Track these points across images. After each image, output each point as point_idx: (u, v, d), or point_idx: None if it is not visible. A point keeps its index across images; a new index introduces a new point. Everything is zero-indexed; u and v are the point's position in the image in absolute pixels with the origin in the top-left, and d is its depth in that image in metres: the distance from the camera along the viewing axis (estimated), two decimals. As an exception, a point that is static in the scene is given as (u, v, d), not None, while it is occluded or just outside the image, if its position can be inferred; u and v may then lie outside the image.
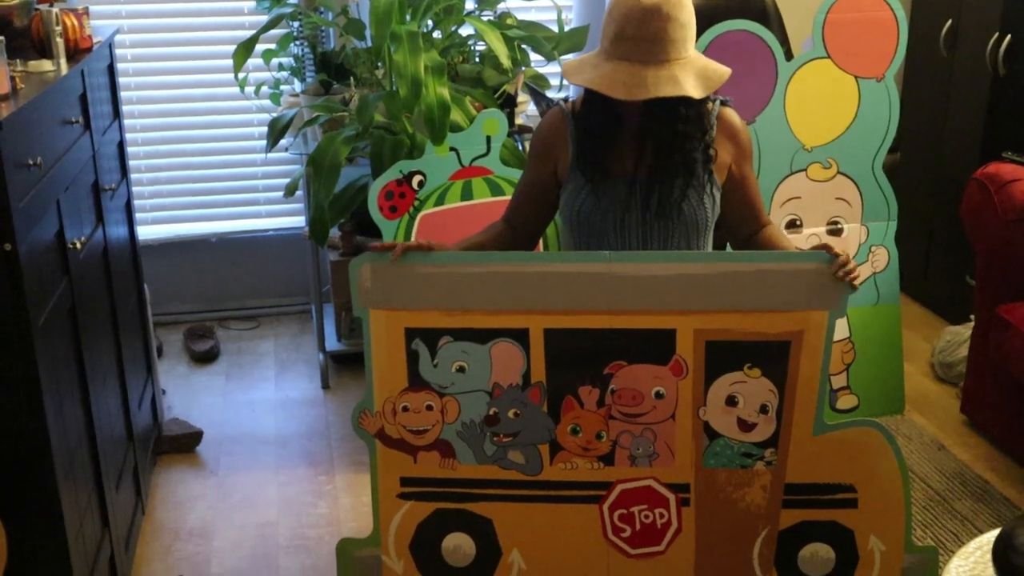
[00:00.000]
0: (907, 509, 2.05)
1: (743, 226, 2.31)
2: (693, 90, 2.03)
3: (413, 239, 2.83)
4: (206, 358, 3.97)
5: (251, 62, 3.32)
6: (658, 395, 2.00)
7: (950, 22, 3.98)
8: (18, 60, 2.34)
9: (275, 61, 3.73)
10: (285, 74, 3.81)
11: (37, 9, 2.52)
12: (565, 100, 2.33)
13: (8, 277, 1.88)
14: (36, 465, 2.01)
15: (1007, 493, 3.04)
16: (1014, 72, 3.65)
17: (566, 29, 3.48)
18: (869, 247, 3.19)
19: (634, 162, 2.16)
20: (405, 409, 2.05)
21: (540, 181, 2.29)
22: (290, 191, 3.61)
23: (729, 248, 2.45)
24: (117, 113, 3.07)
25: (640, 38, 2.01)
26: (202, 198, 4.22)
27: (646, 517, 2.07)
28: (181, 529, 2.95)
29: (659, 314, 1.97)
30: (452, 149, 2.86)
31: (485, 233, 2.33)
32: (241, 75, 3.33)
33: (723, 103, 2.25)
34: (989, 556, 1.88)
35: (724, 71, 2.10)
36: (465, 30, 3.50)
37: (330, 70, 3.65)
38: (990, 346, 3.15)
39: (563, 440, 2.04)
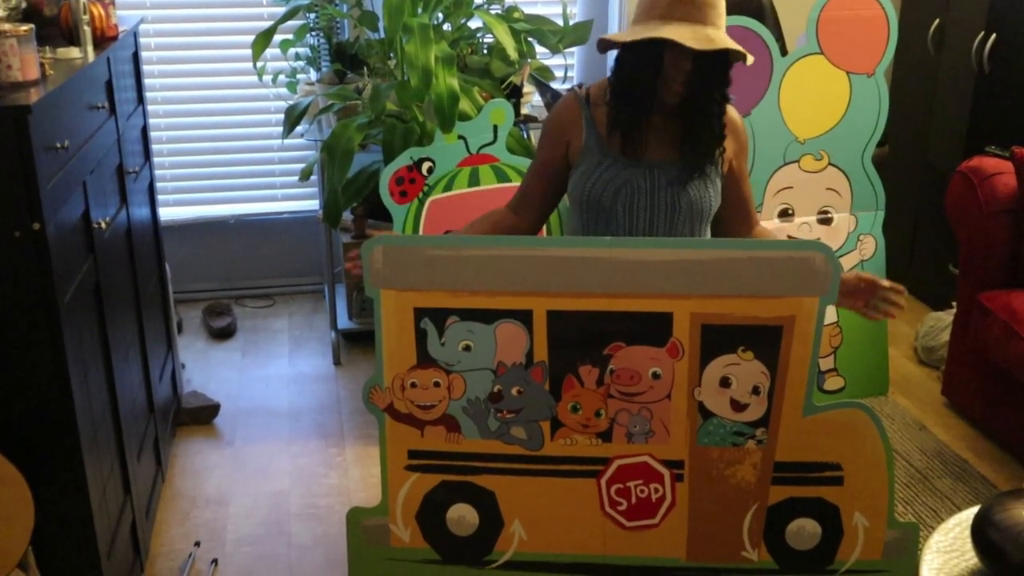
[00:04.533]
0: (890, 487, 2.04)
1: (737, 227, 2.31)
2: (747, 53, 2.10)
3: (422, 223, 2.83)
4: (224, 334, 3.97)
5: (269, 52, 3.31)
6: (655, 375, 2.00)
7: (938, 21, 3.95)
8: (47, 47, 2.33)
9: (292, 51, 3.72)
10: (301, 63, 3.79)
11: (65, -1, 2.51)
12: (579, 86, 2.31)
13: (36, 255, 1.88)
14: (62, 435, 2.01)
15: (984, 471, 3.04)
16: (998, 70, 3.63)
17: (571, 23, 3.47)
18: (857, 236, 3.18)
19: (654, 147, 2.17)
20: (413, 385, 2.04)
21: (552, 162, 2.29)
22: (305, 176, 3.60)
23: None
24: (141, 99, 3.06)
25: (700, 2, 2.04)
26: (221, 181, 4.21)
27: (642, 491, 2.06)
28: (199, 497, 2.95)
29: (657, 298, 1.96)
30: (460, 137, 2.85)
31: (486, 219, 2.33)
32: (259, 64, 3.32)
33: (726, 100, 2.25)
34: (968, 532, 1.89)
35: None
36: (474, 23, 3.48)
37: (344, 60, 3.63)
38: (971, 332, 3.15)
39: (563, 417, 2.04)
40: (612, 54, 2.21)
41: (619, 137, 2.18)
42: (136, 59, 3.01)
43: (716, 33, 2.05)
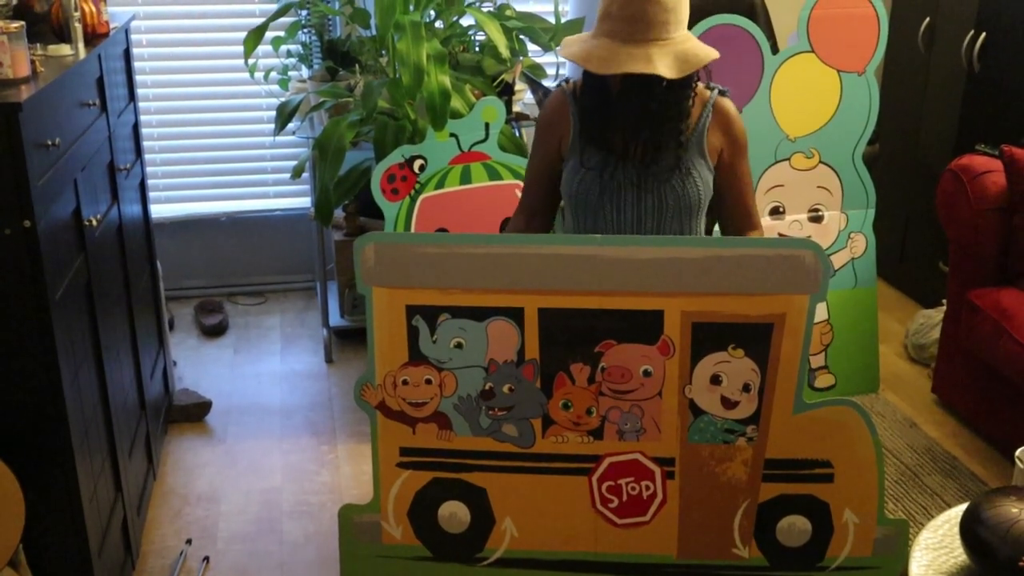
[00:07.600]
0: (880, 484, 2.05)
1: (734, 223, 2.31)
2: (665, 70, 2.03)
3: (414, 221, 2.83)
4: (215, 332, 3.96)
5: (261, 49, 3.30)
6: (646, 373, 2.00)
7: (928, 20, 3.96)
8: (38, 44, 2.32)
9: (284, 48, 3.70)
10: (293, 61, 3.78)
11: (56, -5, 2.50)
12: (567, 80, 2.32)
13: (27, 252, 1.87)
14: (52, 432, 2.01)
15: (974, 469, 3.04)
16: (988, 68, 3.64)
17: (562, 21, 3.47)
18: (848, 233, 3.18)
19: (625, 143, 2.16)
20: (405, 383, 2.04)
21: (547, 157, 2.31)
22: (297, 173, 3.59)
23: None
24: (132, 96, 3.04)
25: (621, 17, 2.03)
26: (213, 179, 4.20)
27: (633, 489, 2.07)
28: (190, 494, 2.94)
29: (648, 296, 1.96)
30: (452, 135, 2.84)
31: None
32: (251, 61, 3.31)
33: (721, 92, 2.25)
34: (957, 529, 1.89)
35: (705, 55, 2.08)
36: (466, 20, 3.48)
37: (336, 57, 3.62)
38: (961, 329, 3.15)
39: (555, 415, 2.04)
40: None
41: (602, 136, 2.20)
42: (128, 56, 3.00)
43: (633, 52, 2.02)
